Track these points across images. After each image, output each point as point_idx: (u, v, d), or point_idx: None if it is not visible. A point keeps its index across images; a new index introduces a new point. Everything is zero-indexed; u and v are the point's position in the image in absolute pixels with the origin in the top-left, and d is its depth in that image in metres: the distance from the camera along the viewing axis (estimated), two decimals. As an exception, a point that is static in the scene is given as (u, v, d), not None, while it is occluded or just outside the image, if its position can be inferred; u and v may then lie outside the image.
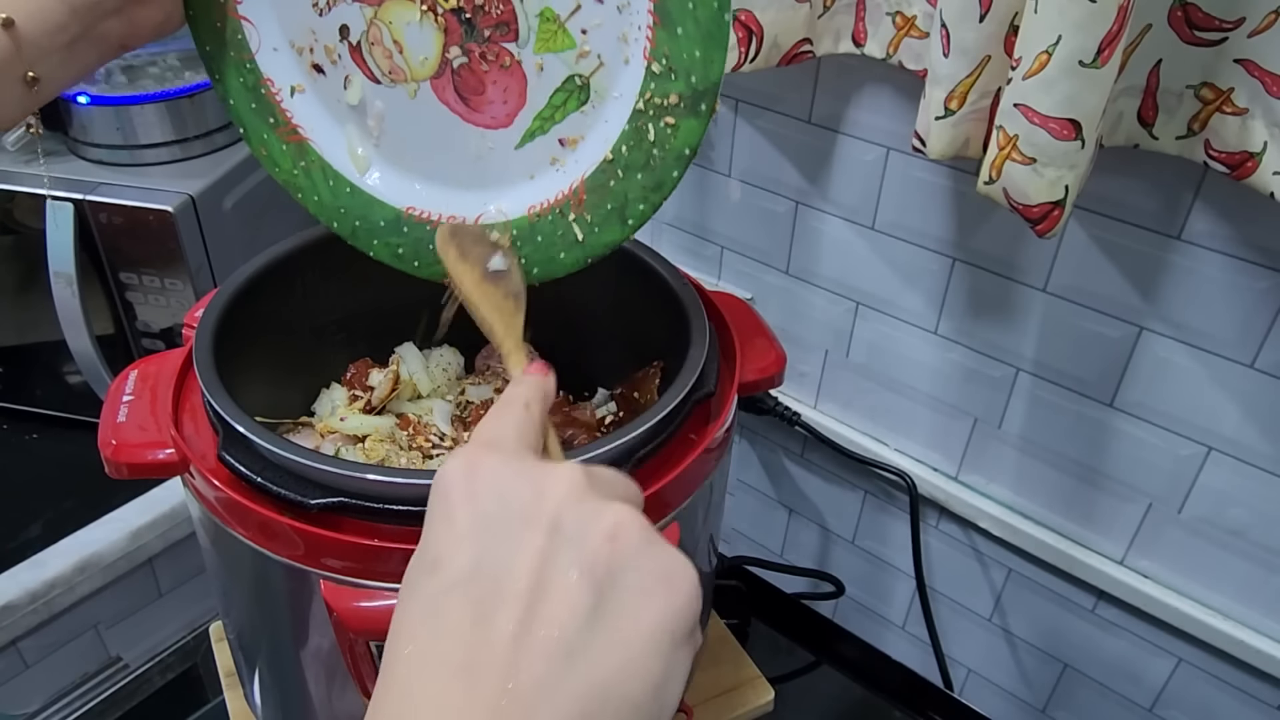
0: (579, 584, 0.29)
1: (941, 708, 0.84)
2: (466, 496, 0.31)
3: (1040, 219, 0.59)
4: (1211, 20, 0.55)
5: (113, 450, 0.54)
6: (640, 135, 0.47)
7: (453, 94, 0.52)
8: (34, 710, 0.83)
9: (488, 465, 0.32)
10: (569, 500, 0.31)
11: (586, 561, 0.29)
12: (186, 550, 0.95)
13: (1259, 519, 0.70)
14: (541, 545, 0.30)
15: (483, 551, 0.30)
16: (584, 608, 0.28)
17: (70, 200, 0.88)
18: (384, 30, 0.51)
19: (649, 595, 0.29)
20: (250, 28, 0.54)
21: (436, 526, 0.31)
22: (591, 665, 0.28)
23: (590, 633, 0.28)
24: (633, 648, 0.29)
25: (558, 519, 0.30)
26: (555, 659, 0.28)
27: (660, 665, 0.29)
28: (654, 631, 0.29)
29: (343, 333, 0.70)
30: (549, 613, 0.28)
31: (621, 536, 0.30)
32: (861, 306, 0.86)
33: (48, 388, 1.02)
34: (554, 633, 0.28)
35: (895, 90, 0.75)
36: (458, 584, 0.29)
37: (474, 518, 0.31)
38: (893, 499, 0.93)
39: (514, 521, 0.30)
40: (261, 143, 0.57)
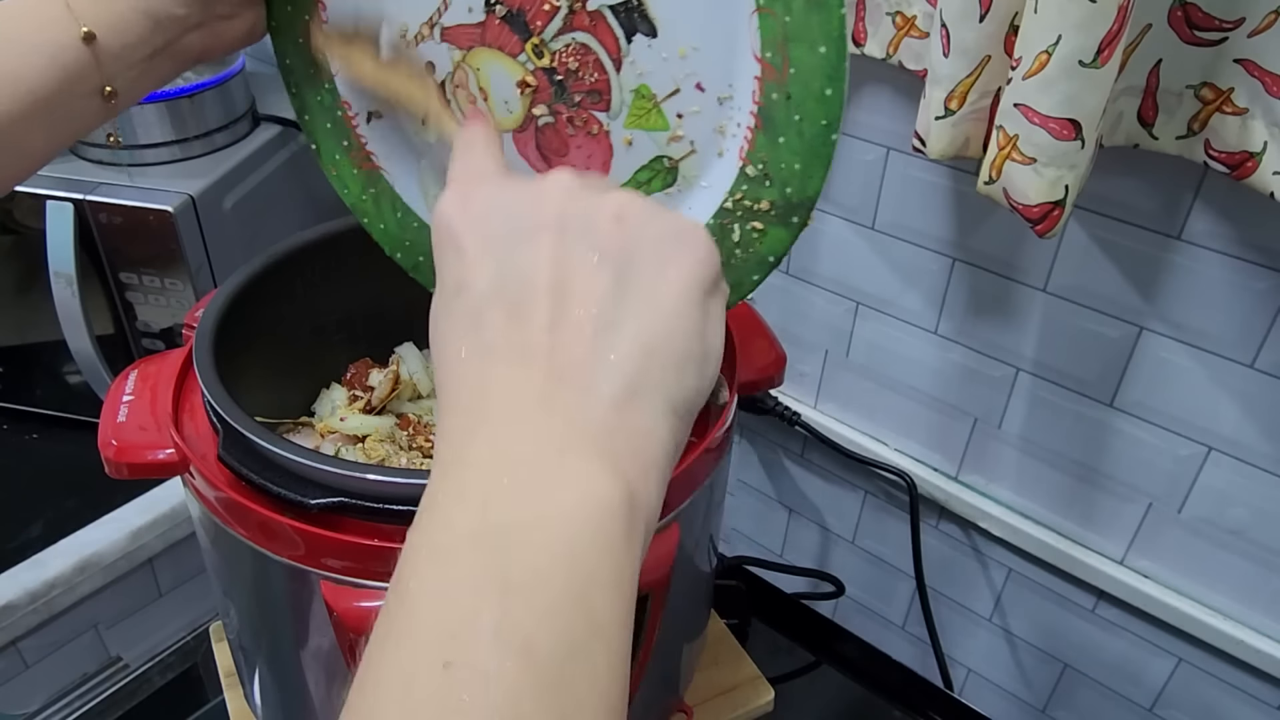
0: (598, 265, 0.30)
1: (941, 708, 0.84)
2: (469, 224, 0.32)
3: (1040, 219, 0.59)
4: (1211, 20, 0.55)
5: (113, 450, 0.54)
6: (725, 233, 0.46)
7: (534, 150, 0.50)
8: (34, 710, 0.83)
9: (480, 192, 0.34)
10: (568, 199, 0.32)
11: (600, 245, 0.31)
12: (186, 550, 0.95)
13: (1259, 519, 0.70)
14: (553, 243, 0.31)
15: (500, 265, 0.31)
16: (609, 283, 0.30)
17: (70, 200, 0.88)
18: (471, 75, 0.49)
19: (667, 258, 0.31)
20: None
21: (448, 259, 0.32)
22: (630, 329, 0.30)
23: (621, 303, 0.30)
24: (665, 305, 0.30)
25: (562, 218, 0.32)
26: (596, 332, 0.30)
27: (696, 314, 0.31)
28: (680, 288, 0.31)
29: (343, 333, 0.70)
30: (578, 296, 0.30)
31: (627, 215, 0.32)
32: (861, 306, 0.86)
33: (48, 388, 1.02)
34: (589, 310, 0.30)
35: (895, 90, 0.75)
36: (486, 297, 0.31)
37: (483, 239, 0.32)
38: (893, 499, 0.93)
39: (521, 231, 0.32)
40: (333, 163, 0.56)
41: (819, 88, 0.40)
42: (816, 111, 0.41)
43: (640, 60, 0.44)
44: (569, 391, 0.29)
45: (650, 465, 0.29)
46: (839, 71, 0.39)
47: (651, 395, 0.30)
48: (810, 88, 0.40)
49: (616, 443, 0.29)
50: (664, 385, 0.30)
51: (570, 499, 0.27)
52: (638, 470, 0.29)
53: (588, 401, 0.29)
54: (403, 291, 0.59)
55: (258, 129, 1.03)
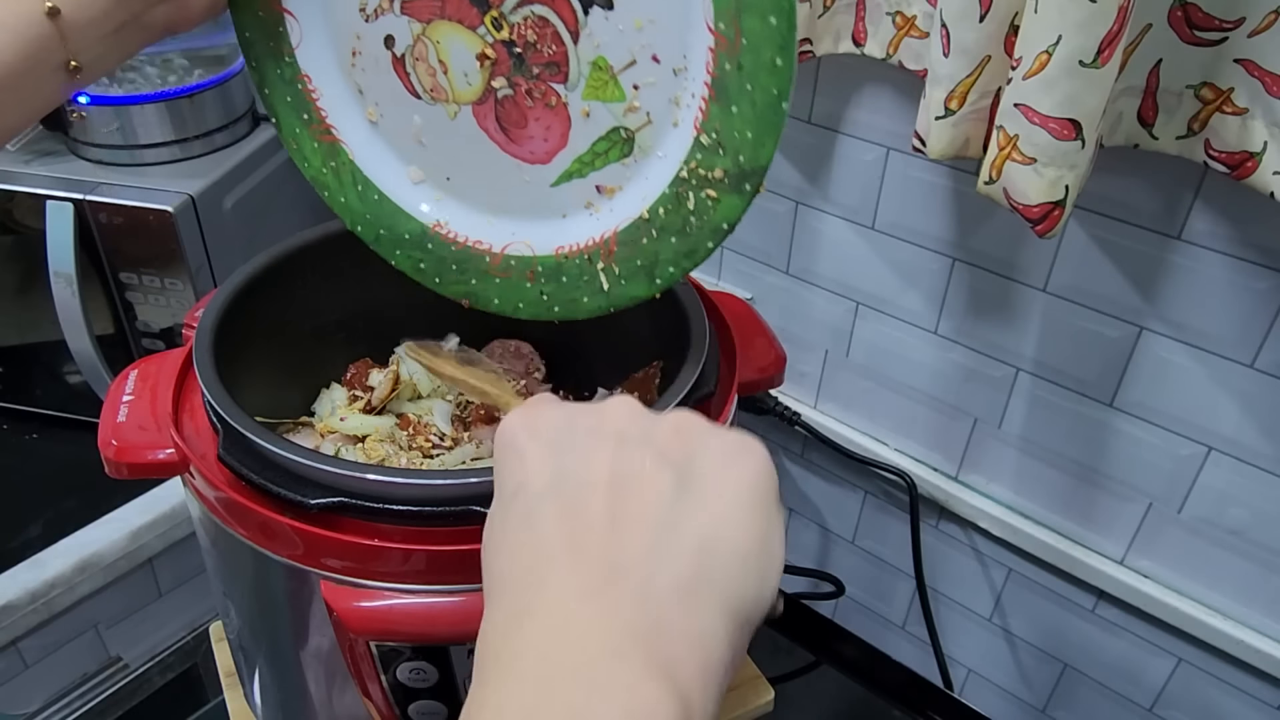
0: (656, 469, 0.31)
1: (941, 708, 0.84)
2: (531, 433, 0.33)
3: (1040, 219, 0.59)
4: (1211, 20, 0.55)
5: (113, 450, 0.54)
6: (680, 201, 0.47)
7: (494, 122, 0.51)
8: (34, 710, 0.83)
9: (545, 409, 0.34)
10: (629, 415, 0.33)
11: (658, 452, 0.31)
12: (186, 550, 0.95)
13: (1259, 519, 0.70)
14: (612, 450, 0.31)
15: (559, 467, 0.31)
16: (668, 486, 0.30)
17: (70, 200, 0.88)
18: (430, 48, 0.50)
19: (727, 466, 0.31)
20: (293, 22, 0.53)
21: (508, 465, 0.33)
22: (692, 526, 0.29)
23: (680, 504, 0.30)
24: (728, 507, 0.30)
25: (622, 431, 0.32)
26: (655, 528, 0.29)
27: (758, 518, 0.30)
28: (741, 491, 0.30)
29: (343, 333, 0.70)
30: (636, 494, 0.30)
31: (686, 429, 0.32)
32: (861, 306, 0.86)
33: (48, 388, 1.02)
34: (649, 508, 0.29)
35: (895, 90, 0.75)
36: (543, 494, 0.31)
37: (544, 446, 0.32)
38: (893, 499, 0.92)
39: (582, 439, 0.32)
40: (293, 136, 0.57)
41: (770, 58, 0.41)
42: (768, 81, 0.41)
43: (597, 32, 0.45)
44: (623, 586, 0.28)
45: (707, 671, 0.27)
46: (789, 42, 0.40)
47: (709, 593, 0.28)
48: (761, 58, 0.41)
49: (671, 645, 0.27)
50: (723, 585, 0.29)
51: (615, 713, 0.25)
52: (693, 677, 0.27)
53: (642, 597, 0.28)
54: (403, 291, 0.59)
55: (258, 129, 1.03)
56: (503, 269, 0.54)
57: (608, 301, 0.51)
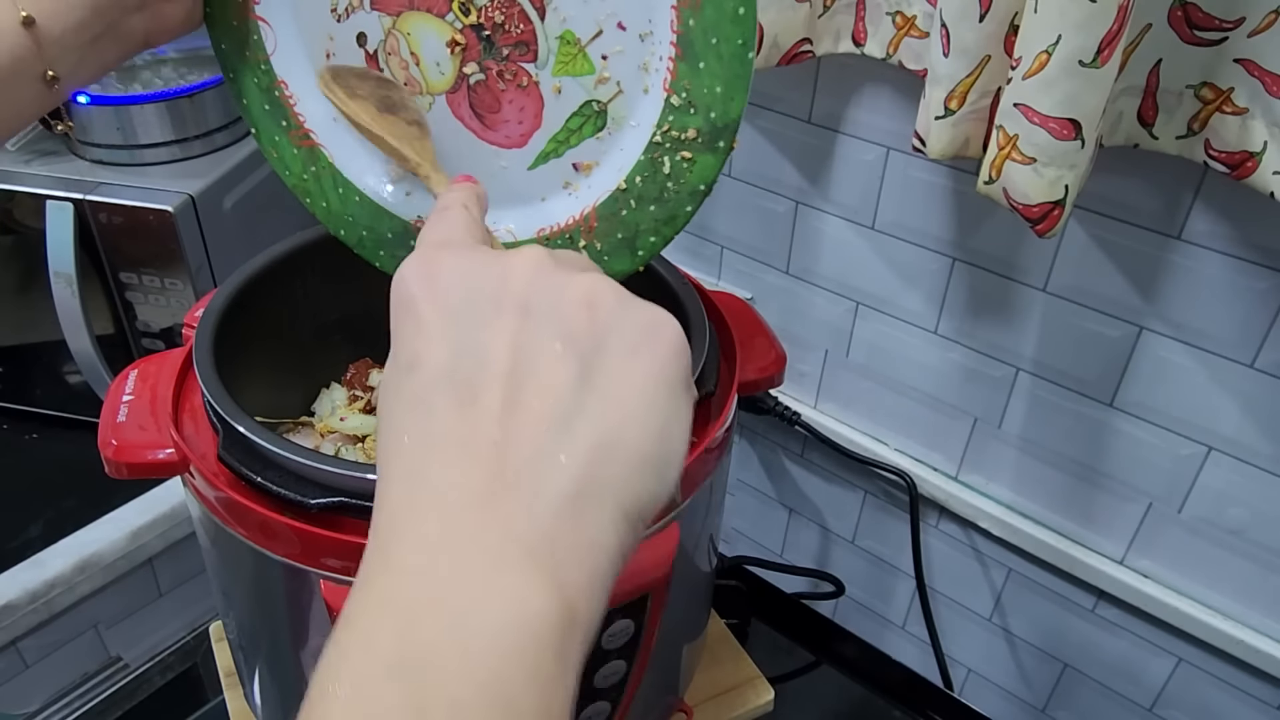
0: (562, 354, 0.29)
1: (941, 708, 0.84)
2: (429, 294, 0.30)
3: (1040, 219, 0.59)
4: (1211, 20, 0.55)
5: (113, 450, 0.54)
6: (655, 167, 0.47)
7: (468, 110, 0.51)
8: (34, 710, 0.83)
9: (445, 260, 0.32)
10: (536, 278, 0.30)
11: (565, 332, 0.29)
12: (186, 550, 0.95)
13: (1259, 519, 0.70)
14: (516, 326, 0.29)
15: (457, 343, 0.29)
16: (571, 376, 0.28)
17: (70, 200, 0.88)
18: (402, 41, 0.50)
19: (635, 352, 0.29)
20: (267, 29, 0.53)
21: (405, 330, 0.31)
22: (589, 426, 0.28)
23: (581, 397, 0.28)
24: (628, 403, 0.28)
25: (527, 298, 0.30)
26: (550, 427, 0.28)
27: (659, 415, 0.29)
28: (646, 384, 0.29)
29: (342, 333, 0.70)
30: (537, 384, 0.28)
31: (597, 302, 0.30)
32: (861, 306, 0.86)
33: (48, 388, 1.02)
34: (547, 403, 0.28)
35: (895, 90, 0.75)
36: (438, 377, 0.29)
37: (441, 312, 0.30)
38: (893, 499, 0.93)
39: (483, 308, 0.30)
40: (273, 145, 0.57)
41: (732, 7, 0.42)
42: (732, 32, 0.42)
43: (563, 6, 0.46)
44: (511, 494, 0.27)
45: (594, 576, 0.27)
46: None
47: (602, 499, 0.27)
48: (724, 9, 0.42)
49: (558, 553, 0.26)
50: (617, 489, 0.28)
51: (499, 620, 0.25)
52: (579, 582, 0.27)
53: (531, 507, 0.27)
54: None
55: (258, 129, 1.03)
56: None
57: None
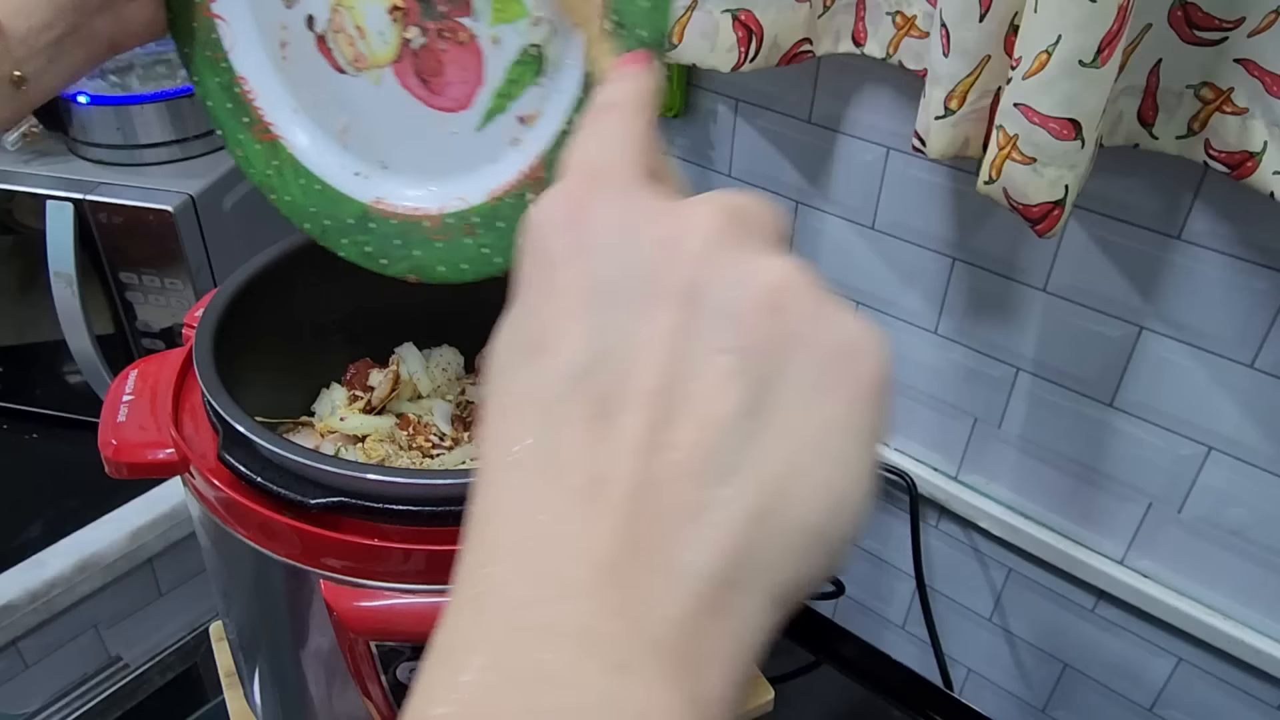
0: (730, 375, 0.21)
1: (941, 707, 0.84)
2: (573, 253, 0.24)
3: (1040, 219, 0.59)
4: (1211, 20, 0.55)
5: (113, 450, 0.54)
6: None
7: (414, 77, 0.51)
8: (34, 710, 0.83)
9: (598, 207, 0.24)
10: (712, 254, 0.23)
11: (740, 342, 0.22)
12: (186, 550, 0.95)
13: (1259, 519, 0.70)
14: (677, 321, 0.22)
15: (600, 334, 0.22)
16: (737, 407, 0.21)
17: (70, 200, 0.88)
18: (346, 16, 0.51)
19: (825, 385, 0.22)
20: (224, 26, 0.54)
21: (534, 295, 0.24)
22: (750, 484, 0.21)
23: (744, 439, 0.21)
24: (803, 458, 0.21)
25: (696, 282, 0.22)
26: (702, 477, 0.21)
27: (840, 478, 0.22)
28: (832, 432, 0.22)
29: (343, 333, 0.70)
30: (692, 414, 0.21)
31: (787, 304, 0.22)
32: (861, 306, 0.86)
33: (48, 388, 1.02)
34: (702, 442, 0.21)
35: (895, 90, 0.75)
36: (569, 374, 0.22)
37: (585, 285, 0.23)
38: (893, 499, 0.93)
39: (639, 289, 0.23)
40: (237, 143, 0.58)
41: None
42: None
43: None
44: (644, 567, 0.20)
45: (733, 682, 0.21)
46: None
47: (754, 585, 0.21)
48: None
49: (694, 656, 0.20)
50: (775, 570, 0.21)
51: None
52: (716, 694, 0.20)
53: (668, 591, 0.20)
54: (403, 291, 0.59)
55: (258, 129, 1.03)
56: (441, 231, 0.54)
57: None
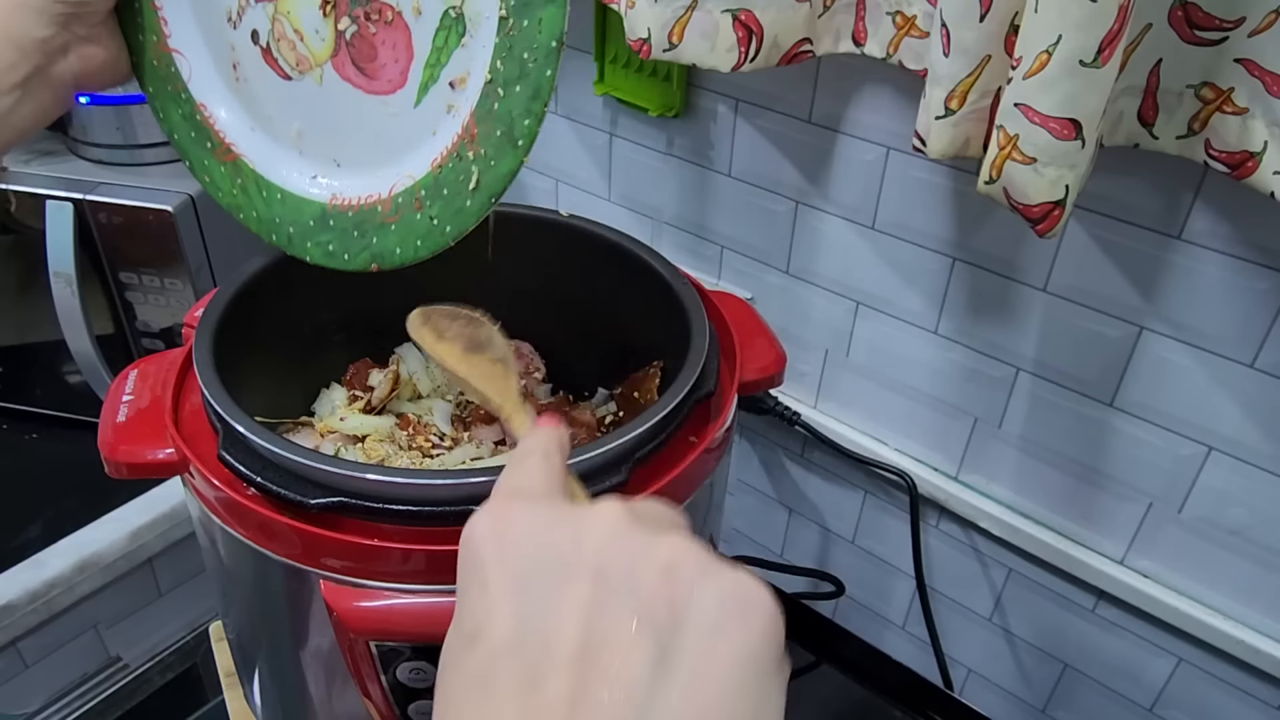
0: (637, 633, 0.26)
1: (941, 708, 0.84)
2: (498, 554, 0.28)
3: (1040, 219, 0.59)
4: (1212, 20, 0.55)
5: (113, 450, 0.54)
6: (510, 46, 0.47)
7: (351, 68, 0.53)
8: (34, 710, 0.83)
9: (517, 516, 0.29)
10: (612, 540, 0.28)
11: (643, 605, 0.26)
12: (186, 550, 0.95)
13: (1259, 519, 0.70)
14: (588, 596, 0.27)
15: (524, 612, 0.27)
16: (647, 658, 0.25)
17: (70, 200, 0.88)
18: (285, 23, 0.53)
19: (721, 629, 0.26)
20: (181, 58, 0.56)
21: (470, 593, 0.28)
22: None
23: (659, 685, 0.25)
24: (710, 694, 0.25)
25: (602, 563, 0.27)
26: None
27: (747, 706, 0.25)
28: (733, 671, 0.25)
29: (343, 333, 0.70)
30: (608, 670, 0.25)
31: (678, 569, 0.27)
32: (861, 306, 0.86)
33: (48, 388, 1.02)
34: (619, 691, 0.25)
35: (895, 90, 0.75)
36: (501, 652, 0.26)
37: (509, 576, 0.28)
38: (893, 499, 0.93)
39: (554, 574, 0.27)
40: (204, 169, 0.59)
41: None
42: None
43: None
44: None
45: None
46: None
47: None
48: None
49: None
50: None
51: None
52: None
53: None
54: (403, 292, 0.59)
55: (258, 129, 1.03)
56: (393, 212, 0.55)
57: (486, 192, 0.51)
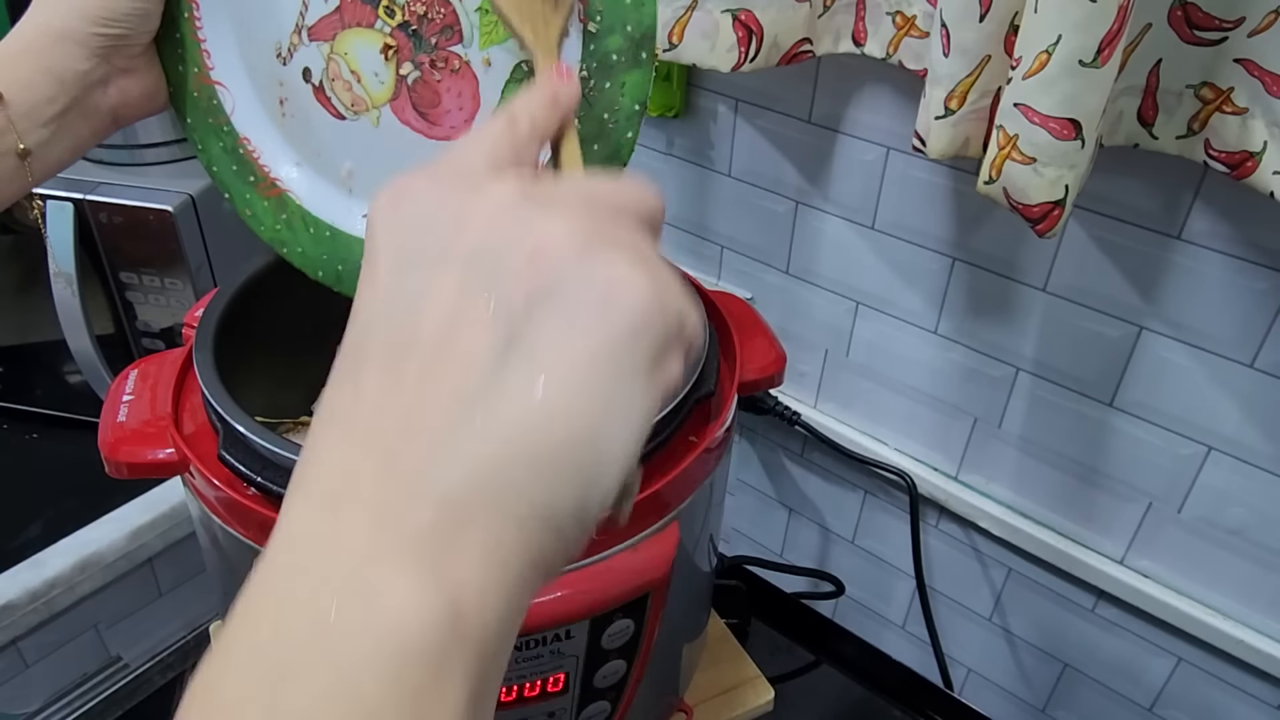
0: (490, 318, 0.24)
1: (941, 707, 0.84)
2: (389, 227, 0.27)
3: (1040, 219, 0.59)
4: (1211, 20, 0.55)
5: (113, 450, 0.54)
6: (589, 105, 0.47)
7: (412, 112, 0.52)
8: (34, 710, 0.83)
9: (416, 188, 0.28)
10: (497, 217, 0.26)
11: (502, 290, 0.25)
12: (186, 550, 0.95)
13: (1259, 519, 0.70)
14: (458, 277, 0.25)
15: (396, 293, 0.26)
16: (494, 343, 0.24)
17: (70, 200, 0.88)
18: (341, 63, 0.52)
19: (577, 318, 0.24)
20: (224, 91, 0.55)
21: (364, 272, 0.28)
22: (501, 412, 0.24)
23: (497, 374, 0.24)
24: (551, 386, 0.24)
25: (478, 245, 0.26)
26: (459, 408, 0.24)
27: (593, 404, 0.24)
28: (579, 364, 0.24)
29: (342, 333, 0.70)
30: (457, 355, 0.24)
31: (548, 251, 0.25)
32: (861, 306, 0.86)
33: (48, 388, 1.02)
34: (460, 379, 0.24)
35: (895, 90, 0.75)
36: (370, 335, 0.27)
37: (394, 252, 0.27)
38: (893, 499, 0.93)
39: (431, 252, 0.26)
40: (245, 204, 0.58)
41: None
42: None
43: None
44: (399, 483, 0.24)
45: (491, 582, 0.23)
46: None
47: (504, 501, 0.23)
48: None
49: (443, 553, 0.23)
50: (526, 490, 0.24)
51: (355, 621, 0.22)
52: (470, 584, 0.23)
53: (415, 498, 0.23)
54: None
55: (258, 129, 1.03)
56: None
57: None
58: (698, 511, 0.58)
